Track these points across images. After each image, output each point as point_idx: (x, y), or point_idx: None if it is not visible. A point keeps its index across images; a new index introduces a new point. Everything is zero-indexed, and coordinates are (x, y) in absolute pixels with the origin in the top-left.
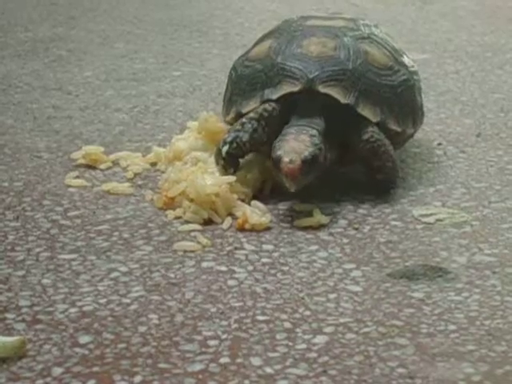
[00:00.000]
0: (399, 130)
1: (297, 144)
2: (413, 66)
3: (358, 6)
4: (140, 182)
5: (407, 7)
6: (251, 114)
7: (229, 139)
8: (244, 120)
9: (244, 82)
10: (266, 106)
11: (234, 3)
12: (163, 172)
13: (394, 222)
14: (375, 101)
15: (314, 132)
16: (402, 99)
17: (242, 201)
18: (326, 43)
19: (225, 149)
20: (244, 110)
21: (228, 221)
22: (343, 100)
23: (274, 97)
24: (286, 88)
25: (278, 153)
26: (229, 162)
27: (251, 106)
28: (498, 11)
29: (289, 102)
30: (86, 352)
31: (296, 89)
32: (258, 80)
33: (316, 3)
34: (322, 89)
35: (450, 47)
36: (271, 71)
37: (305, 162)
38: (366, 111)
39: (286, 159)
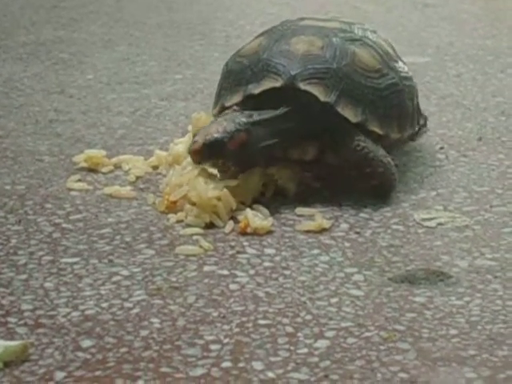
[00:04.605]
0: (381, 132)
1: (214, 127)
2: (406, 72)
3: (360, 9)
4: (142, 186)
5: (409, 10)
6: (227, 110)
7: None
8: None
9: (232, 76)
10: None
11: (236, 6)
12: (165, 175)
13: (395, 226)
14: (357, 101)
15: (240, 120)
16: (387, 103)
17: (243, 204)
18: (314, 42)
19: None
20: (227, 104)
21: (230, 225)
22: (323, 98)
23: (256, 91)
24: (268, 83)
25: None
26: None
27: (234, 100)
28: (501, 15)
29: (273, 99)
30: (88, 356)
31: (277, 84)
32: (243, 75)
33: (317, 6)
34: (302, 86)
35: (451, 50)
36: (256, 67)
37: (204, 145)
38: (346, 111)
39: (194, 139)
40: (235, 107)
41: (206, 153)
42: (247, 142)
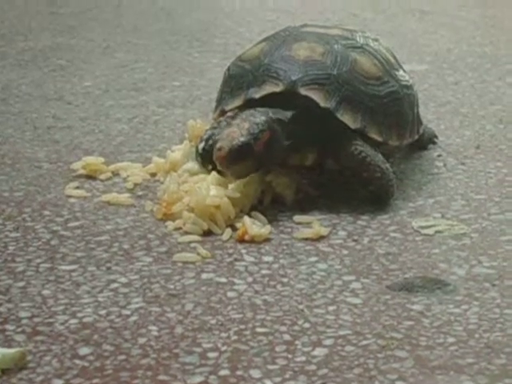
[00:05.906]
0: (380, 139)
1: (235, 131)
2: (407, 81)
3: (358, 17)
4: (140, 193)
5: (407, 18)
6: (229, 113)
7: (205, 137)
8: (221, 119)
9: (233, 81)
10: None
11: (235, 13)
12: (163, 183)
13: (393, 234)
14: (357, 108)
15: (260, 119)
16: (386, 110)
17: (241, 211)
18: (315, 48)
19: (201, 146)
20: (227, 108)
21: (228, 232)
22: (323, 104)
23: (257, 96)
24: (269, 88)
25: (217, 137)
26: (205, 158)
27: (235, 104)
28: (498, 22)
29: (274, 103)
30: (86, 364)
31: (278, 89)
32: (245, 79)
33: (317, 14)
34: (303, 91)
35: (449, 58)
36: (258, 71)
37: (231, 150)
38: (345, 117)
39: (217, 145)
40: (229, 113)
41: (233, 158)
42: (271, 139)
